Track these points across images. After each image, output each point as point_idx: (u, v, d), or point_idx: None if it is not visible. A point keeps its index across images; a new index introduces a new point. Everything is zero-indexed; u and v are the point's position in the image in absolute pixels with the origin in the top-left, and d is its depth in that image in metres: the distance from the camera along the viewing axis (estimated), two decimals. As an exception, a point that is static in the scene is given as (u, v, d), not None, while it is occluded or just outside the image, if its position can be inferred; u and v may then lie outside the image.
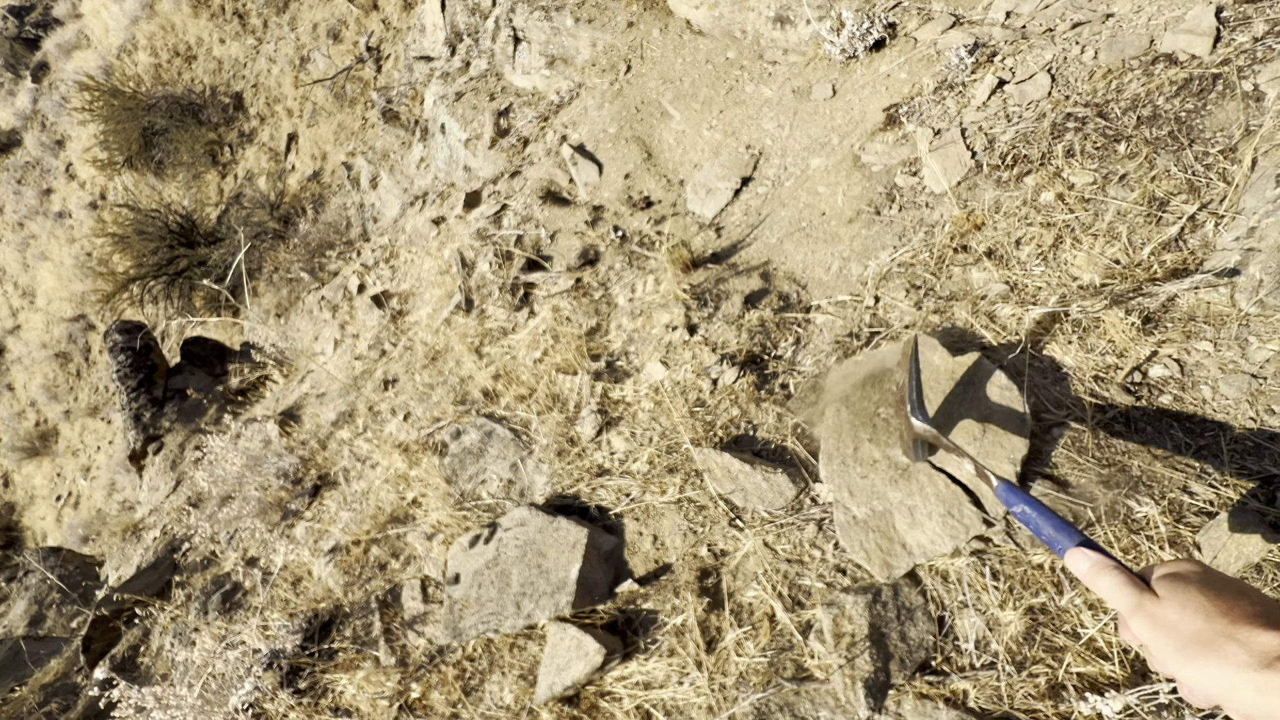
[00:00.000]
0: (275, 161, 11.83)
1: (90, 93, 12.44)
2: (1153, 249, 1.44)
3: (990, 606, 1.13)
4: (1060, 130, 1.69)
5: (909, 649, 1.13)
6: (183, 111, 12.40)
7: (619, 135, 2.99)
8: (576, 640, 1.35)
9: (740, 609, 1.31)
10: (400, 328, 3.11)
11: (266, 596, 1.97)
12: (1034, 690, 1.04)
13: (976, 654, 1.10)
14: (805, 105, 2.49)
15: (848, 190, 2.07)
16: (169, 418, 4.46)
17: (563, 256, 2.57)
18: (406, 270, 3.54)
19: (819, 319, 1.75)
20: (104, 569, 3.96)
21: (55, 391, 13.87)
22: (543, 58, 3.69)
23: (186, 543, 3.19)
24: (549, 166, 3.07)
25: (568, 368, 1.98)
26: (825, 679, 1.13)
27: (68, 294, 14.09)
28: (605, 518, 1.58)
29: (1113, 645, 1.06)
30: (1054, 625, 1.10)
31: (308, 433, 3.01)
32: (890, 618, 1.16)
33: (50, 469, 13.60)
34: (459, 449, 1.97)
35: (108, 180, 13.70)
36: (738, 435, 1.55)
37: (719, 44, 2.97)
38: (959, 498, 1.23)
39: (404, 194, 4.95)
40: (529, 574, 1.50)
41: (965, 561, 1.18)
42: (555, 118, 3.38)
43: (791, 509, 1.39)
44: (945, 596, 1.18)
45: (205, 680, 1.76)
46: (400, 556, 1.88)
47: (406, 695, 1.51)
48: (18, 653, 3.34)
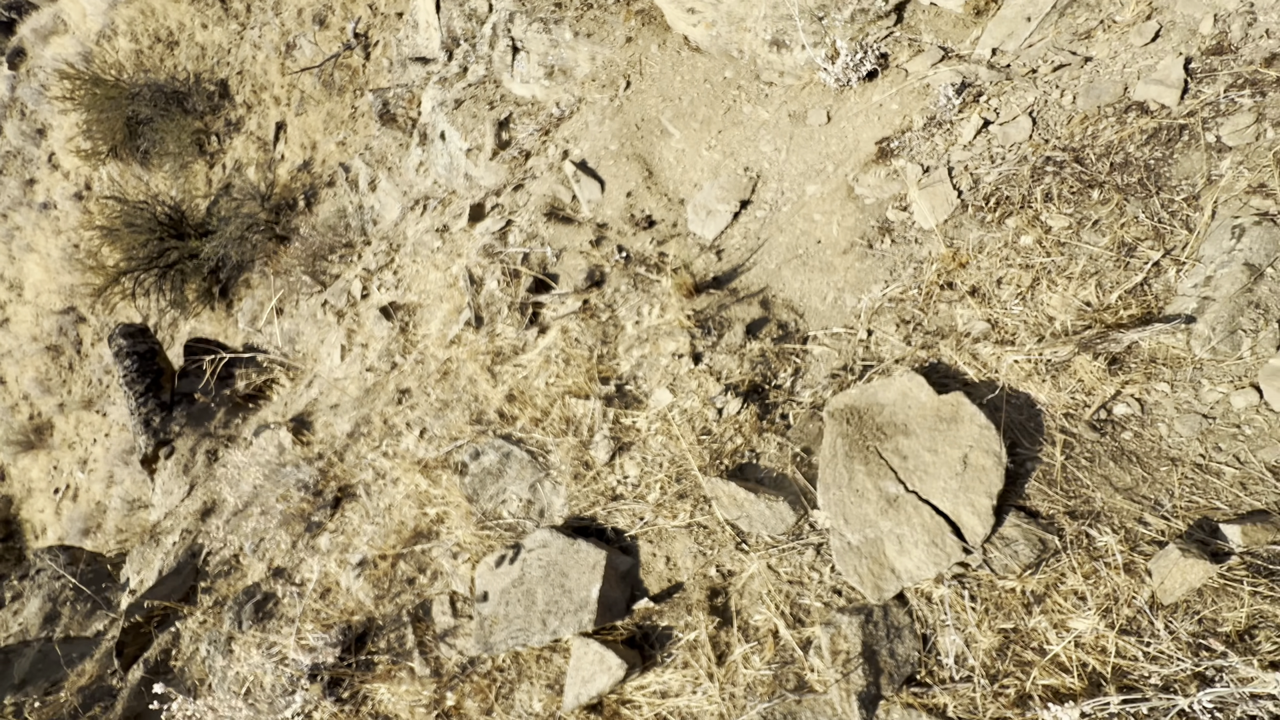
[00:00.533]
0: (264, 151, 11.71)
1: (71, 81, 12.19)
2: (1120, 295, 1.58)
3: (969, 626, 1.29)
4: (1040, 174, 1.82)
5: (897, 664, 1.29)
6: (167, 100, 12.19)
7: (620, 153, 3.07)
8: (599, 655, 1.50)
9: (747, 626, 1.47)
10: (410, 340, 3.21)
11: (301, 608, 2.11)
12: (1005, 701, 1.20)
13: (956, 668, 1.26)
14: (801, 130, 2.59)
15: (842, 220, 2.19)
16: (178, 422, 4.56)
17: (569, 276, 2.67)
18: (412, 280, 3.63)
19: (816, 350, 1.88)
20: (124, 571, 4.08)
21: (48, 385, 13.81)
22: (541, 68, 3.74)
23: (208, 549, 3.32)
24: (552, 182, 3.16)
25: (579, 391, 2.11)
26: (824, 691, 1.29)
27: (56, 286, 13.96)
28: (621, 539, 1.73)
29: (1073, 660, 1.22)
30: (1023, 643, 1.26)
31: (322, 443, 3.12)
32: (881, 636, 1.32)
33: (47, 462, 13.61)
34: (479, 469, 2.10)
35: (92, 170, 13.49)
36: (742, 463, 1.69)
37: (717, 63, 3.05)
38: (942, 528, 1.38)
39: (403, 197, 5.00)
40: (553, 593, 1.64)
41: (947, 586, 1.34)
42: (556, 131, 3.45)
43: (792, 534, 1.54)
44: (929, 616, 1.34)
45: (248, 689, 1.90)
46: (427, 571, 2.02)
47: (442, 703, 1.66)
48: (48, 654, 3.47)
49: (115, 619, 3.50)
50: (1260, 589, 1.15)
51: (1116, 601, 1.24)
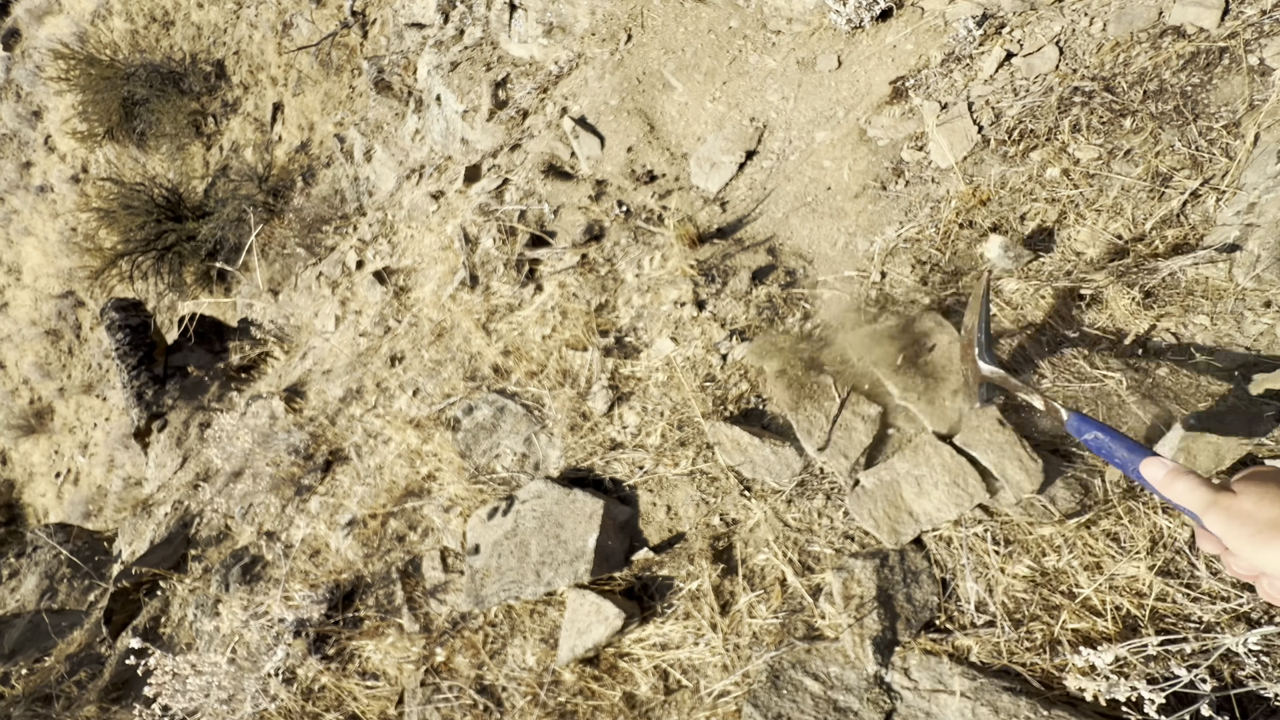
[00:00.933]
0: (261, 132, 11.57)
1: (66, 61, 12.04)
2: (1155, 225, 1.47)
3: (992, 570, 1.20)
4: (1067, 105, 1.70)
5: (914, 609, 1.20)
6: (163, 80, 12.04)
7: (620, 107, 2.96)
8: (596, 605, 1.41)
9: (752, 574, 1.38)
10: (404, 304, 3.11)
11: (288, 568, 2.03)
12: (1031, 645, 1.11)
13: (977, 614, 1.17)
14: (810, 77, 2.47)
15: (853, 165, 2.08)
16: (171, 395, 4.48)
17: (567, 232, 2.57)
18: (407, 246, 3.53)
19: (826, 294, 1.78)
20: (116, 543, 4.02)
21: (48, 369, 13.78)
22: (540, 26, 3.61)
23: (199, 517, 3.25)
24: (550, 140, 3.05)
25: (577, 344, 2.01)
26: (835, 638, 1.20)
27: (55, 270, 13.88)
28: (619, 489, 1.64)
29: (1106, 604, 1.13)
30: (1051, 586, 1.16)
31: (315, 409, 3.04)
32: (897, 581, 1.23)
33: (48, 446, 13.60)
34: (471, 424, 2.01)
35: (89, 153, 13.37)
36: (747, 409, 1.60)
37: (721, 12, 2.92)
38: (964, 468, 1.29)
39: (399, 167, 4.89)
40: (547, 544, 1.56)
41: (969, 528, 1.24)
42: (555, 89, 3.33)
43: (800, 480, 1.45)
44: (949, 561, 1.25)
45: (233, 647, 1.82)
46: (418, 529, 1.93)
47: (432, 659, 1.58)
48: (38, 625, 3.42)
49: (106, 590, 3.44)
50: None
51: (1155, 543, 1.14)
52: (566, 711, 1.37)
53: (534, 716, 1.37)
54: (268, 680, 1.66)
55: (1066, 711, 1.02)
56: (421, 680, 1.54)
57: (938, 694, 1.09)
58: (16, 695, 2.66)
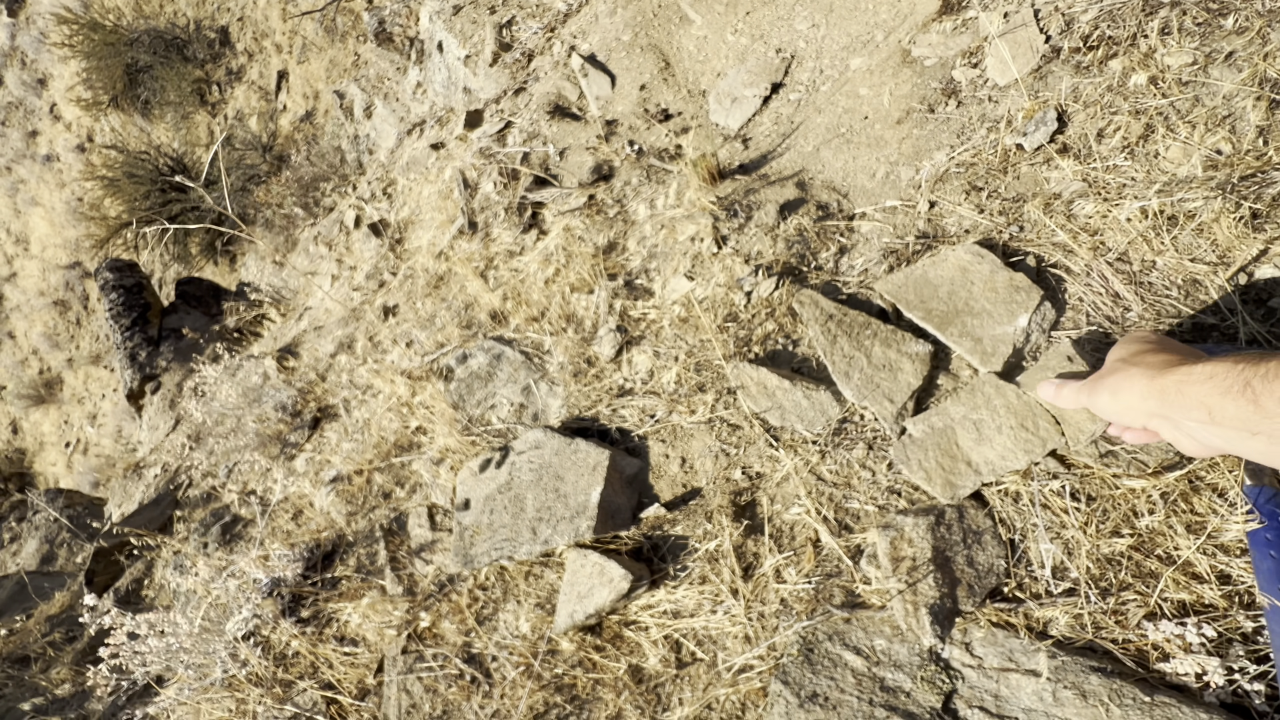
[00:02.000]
0: (266, 101, 11.33)
1: (69, 26, 11.84)
2: (1264, 134, 1.24)
3: (1071, 529, 1.00)
4: (1154, 6, 1.47)
5: (977, 574, 1.00)
6: (167, 47, 11.80)
7: (633, 44, 2.72)
8: (599, 566, 1.23)
9: (780, 533, 1.19)
10: (399, 256, 2.92)
11: (266, 527, 1.87)
12: (1123, 618, 0.92)
13: (1054, 580, 0.98)
14: (843, 1, 2.22)
15: (895, 90, 1.85)
16: (165, 357, 4.34)
17: (573, 174, 2.36)
18: (405, 198, 3.33)
19: (865, 227, 1.57)
20: (107, 506, 3.91)
21: (56, 340, 13.79)
22: (548, -38, 3.36)
23: (187, 479, 3.11)
24: (556, 80, 2.82)
25: (582, 286, 1.82)
26: (882, 606, 1.02)
27: (62, 240, 13.82)
28: (628, 440, 1.45)
29: (1211, 571, 0.93)
30: (1145, 549, 0.97)
31: (306, 366, 2.87)
32: (955, 540, 1.04)
33: (57, 416, 13.66)
34: (465, 373, 1.82)
35: (94, 121, 13.22)
36: (775, 350, 1.40)
37: (746, -63, 2.66)
38: (1033, 409, 1.09)
39: (400, 123, 4.67)
40: (546, 498, 1.38)
41: (1041, 483, 1.05)
42: (563, 27, 3.09)
43: (836, 428, 1.25)
44: (1017, 519, 1.05)
45: (205, 610, 1.67)
46: (406, 485, 1.76)
47: (415, 624, 1.41)
48: (24, 586, 3.32)
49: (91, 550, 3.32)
50: None
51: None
52: (564, 684, 1.20)
53: (527, 689, 1.20)
54: (236, 645, 1.50)
55: (1174, 698, 0.83)
56: (404, 647, 1.38)
57: (1008, 673, 0.90)
58: (-6, 656, 2.55)
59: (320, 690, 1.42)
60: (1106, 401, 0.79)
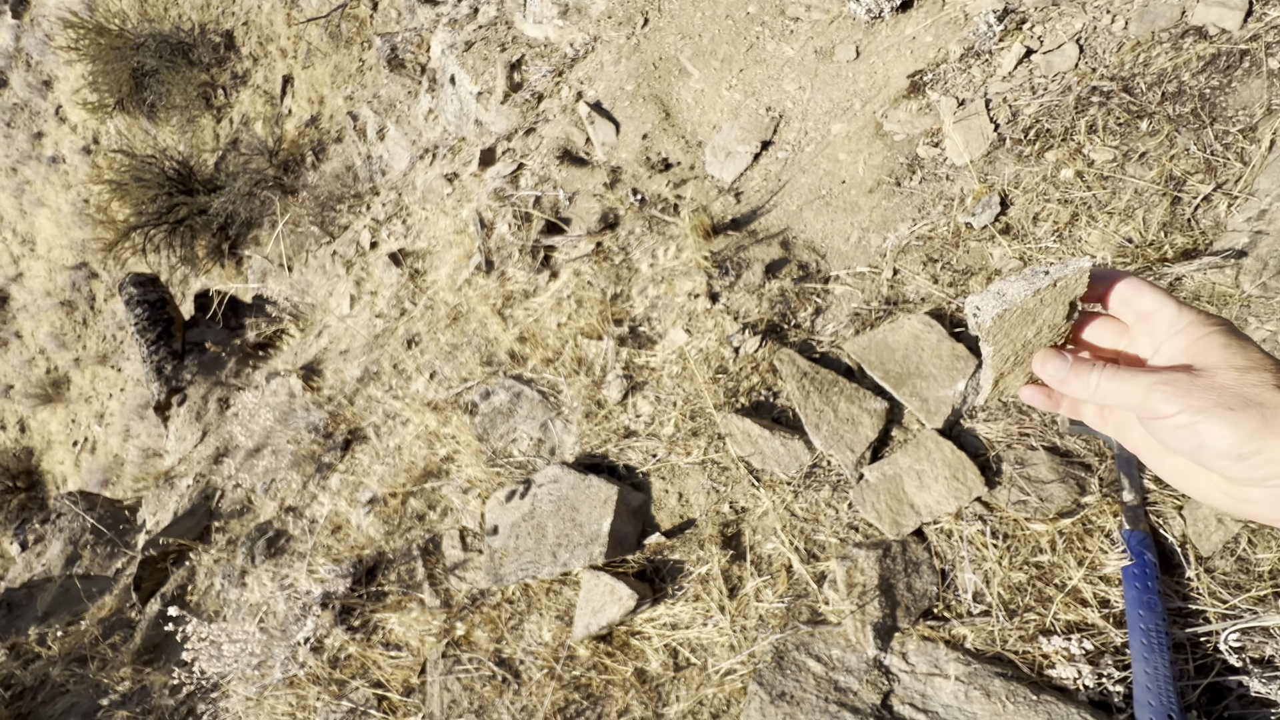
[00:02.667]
0: (271, 105, 11.50)
1: (75, 30, 11.98)
2: (1166, 230, 1.49)
3: (989, 561, 1.26)
4: (1085, 104, 1.71)
5: (914, 598, 1.26)
6: (172, 51, 11.95)
7: (636, 93, 2.95)
8: (610, 586, 1.48)
9: (760, 560, 1.44)
10: (419, 286, 3.16)
11: (312, 543, 2.12)
12: (1024, 634, 1.18)
13: (974, 603, 1.23)
14: (827, 67, 2.46)
15: (869, 159, 2.09)
16: (190, 370, 4.58)
17: (582, 220, 2.60)
18: (421, 228, 3.56)
19: (838, 289, 1.81)
20: (140, 513, 4.15)
21: (63, 339, 13.98)
22: (555, 6, 3.58)
23: (220, 491, 3.35)
24: (565, 125, 3.05)
25: (592, 332, 2.06)
26: (838, 623, 1.27)
27: (68, 241, 13.99)
28: (633, 476, 1.70)
29: (1094, 596, 1.19)
30: (1045, 579, 1.22)
31: (332, 388, 3.11)
32: (898, 570, 1.29)
33: (65, 415, 13.87)
34: (489, 409, 2.07)
35: (100, 124, 13.36)
36: (758, 401, 1.65)
37: (740, -3, 2.89)
38: (964, 463, 1.34)
39: (412, 146, 4.89)
40: (564, 527, 1.63)
41: (969, 523, 1.30)
42: (570, 72, 3.32)
43: (807, 472, 1.50)
44: (948, 553, 1.30)
45: (261, 616, 1.92)
46: (437, 508, 2.01)
47: (452, 632, 1.66)
48: (68, 589, 3.56)
49: (133, 557, 3.57)
50: (1301, 527, 1.11)
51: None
52: (581, 684, 1.46)
53: (550, 688, 1.46)
54: (296, 648, 1.75)
55: (1056, 697, 1.08)
56: (443, 652, 1.63)
57: (933, 678, 1.16)
58: (53, 655, 2.80)
59: (371, 688, 1.68)
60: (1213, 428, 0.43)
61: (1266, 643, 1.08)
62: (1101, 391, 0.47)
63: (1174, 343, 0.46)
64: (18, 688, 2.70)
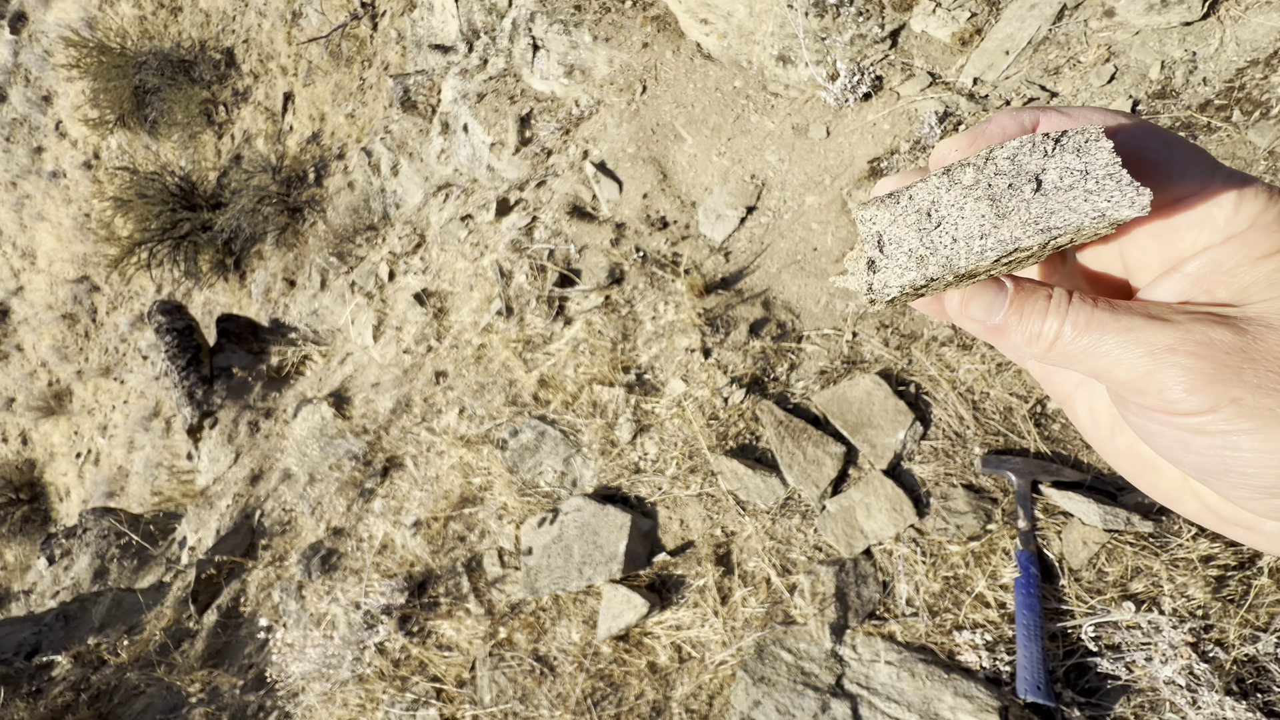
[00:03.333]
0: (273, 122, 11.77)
1: (77, 49, 12.19)
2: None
3: (918, 574, 1.65)
4: (1006, 199, 2.11)
5: (862, 603, 1.65)
6: (174, 68, 12.19)
7: (637, 155, 3.34)
8: (627, 596, 1.87)
9: (745, 574, 1.83)
10: (444, 326, 3.53)
11: (369, 561, 2.49)
12: (941, 630, 1.57)
13: (906, 607, 1.63)
14: (803, 142, 2.86)
15: (835, 231, 2.49)
16: (219, 395, 4.91)
17: (592, 273, 2.98)
18: (441, 269, 3.93)
19: (808, 348, 2.20)
20: (179, 529, 4.48)
21: (65, 352, 14.15)
22: (561, 67, 3.96)
23: (260, 510, 3.70)
24: (573, 181, 3.43)
25: (604, 379, 2.44)
26: (804, 623, 1.66)
27: (69, 255, 14.17)
28: (643, 505, 2.08)
29: (994, 601, 1.58)
30: (959, 588, 1.62)
31: (363, 417, 3.47)
32: (851, 582, 1.68)
33: (68, 427, 14.04)
34: (517, 445, 2.44)
35: (100, 140, 13.56)
36: (744, 444, 2.04)
37: (727, 72, 3.29)
38: (901, 497, 1.73)
39: (425, 183, 5.25)
40: (587, 548, 2.01)
41: (905, 545, 1.69)
42: (576, 131, 3.70)
43: (782, 503, 1.89)
44: (889, 567, 1.70)
45: (326, 625, 2.29)
46: (475, 530, 2.38)
47: (496, 635, 2.04)
48: (120, 602, 3.90)
49: (179, 570, 3.91)
50: (1142, 546, 1.51)
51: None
52: (604, 675, 1.84)
53: (580, 679, 1.84)
54: (364, 650, 2.12)
55: (961, 675, 1.48)
56: (489, 651, 2.01)
57: (874, 663, 1.55)
58: (123, 662, 3.15)
59: (429, 682, 2.05)
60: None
61: (1115, 633, 1.48)
62: (1067, 352, 0.27)
63: (1210, 259, 0.26)
64: (92, 691, 3.05)
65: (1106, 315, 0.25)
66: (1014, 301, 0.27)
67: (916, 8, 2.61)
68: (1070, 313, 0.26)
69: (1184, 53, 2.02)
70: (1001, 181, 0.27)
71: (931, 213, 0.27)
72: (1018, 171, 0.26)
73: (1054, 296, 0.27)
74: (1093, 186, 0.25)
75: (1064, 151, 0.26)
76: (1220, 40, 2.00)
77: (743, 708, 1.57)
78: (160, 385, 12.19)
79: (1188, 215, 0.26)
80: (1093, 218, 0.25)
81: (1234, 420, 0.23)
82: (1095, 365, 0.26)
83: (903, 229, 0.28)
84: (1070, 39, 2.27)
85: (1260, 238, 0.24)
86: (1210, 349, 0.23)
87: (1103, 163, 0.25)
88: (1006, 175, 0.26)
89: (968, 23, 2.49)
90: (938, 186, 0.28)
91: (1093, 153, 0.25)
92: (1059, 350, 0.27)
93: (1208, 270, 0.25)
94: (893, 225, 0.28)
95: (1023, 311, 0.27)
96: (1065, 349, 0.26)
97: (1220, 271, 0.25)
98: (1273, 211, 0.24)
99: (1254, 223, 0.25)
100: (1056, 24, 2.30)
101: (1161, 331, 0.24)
